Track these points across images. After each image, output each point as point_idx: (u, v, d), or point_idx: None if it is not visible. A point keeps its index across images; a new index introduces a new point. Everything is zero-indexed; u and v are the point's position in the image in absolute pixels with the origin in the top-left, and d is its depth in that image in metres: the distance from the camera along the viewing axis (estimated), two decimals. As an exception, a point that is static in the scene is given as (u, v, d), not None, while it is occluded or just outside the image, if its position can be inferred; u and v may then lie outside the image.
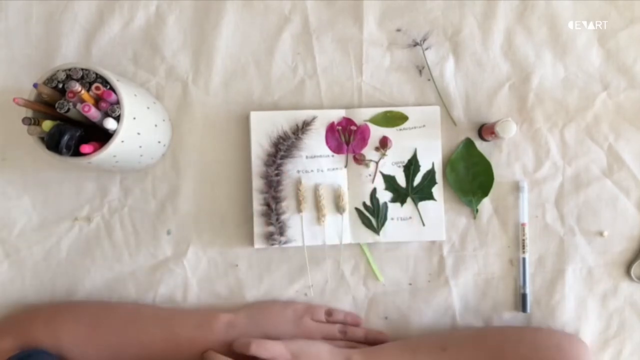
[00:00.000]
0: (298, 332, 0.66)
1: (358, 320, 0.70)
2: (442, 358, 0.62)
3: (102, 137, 0.57)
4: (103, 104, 0.57)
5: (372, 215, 0.70)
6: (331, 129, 0.70)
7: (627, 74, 0.71)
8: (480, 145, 0.71)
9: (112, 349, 0.63)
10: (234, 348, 0.62)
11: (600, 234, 0.70)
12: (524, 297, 0.70)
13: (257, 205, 0.69)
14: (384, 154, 0.70)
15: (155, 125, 0.65)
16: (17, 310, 0.69)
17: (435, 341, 0.65)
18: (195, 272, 0.71)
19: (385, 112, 0.70)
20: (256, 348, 0.59)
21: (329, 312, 0.69)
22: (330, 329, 0.67)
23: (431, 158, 0.70)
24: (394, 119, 0.70)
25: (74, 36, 0.71)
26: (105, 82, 0.58)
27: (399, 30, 0.72)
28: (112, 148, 0.57)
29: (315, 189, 0.70)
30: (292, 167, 0.70)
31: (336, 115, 0.70)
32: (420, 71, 0.71)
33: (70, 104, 0.57)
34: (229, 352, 0.62)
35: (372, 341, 0.68)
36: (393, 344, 0.66)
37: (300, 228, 0.70)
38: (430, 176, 0.70)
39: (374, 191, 0.70)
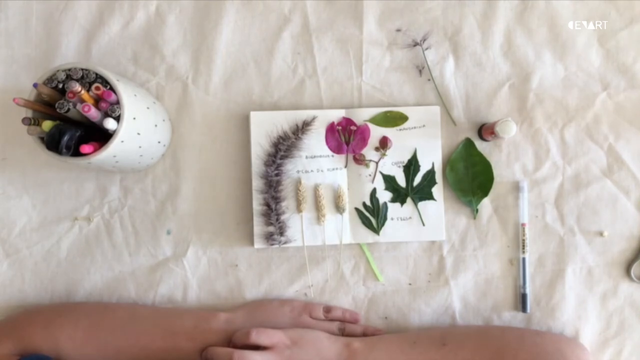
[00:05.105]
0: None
1: (356, 317, 0.70)
2: (442, 352, 0.62)
3: (102, 137, 0.57)
4: (103, 104, 0.57)
5: (372, 215, 0.70)
6: (331, 129, 0.70)
7: (627, 74, 0.71)
8: (480, 145, 0.71)
9: (110, 351, 0.63)
10: (234, 340, 0.62)
11: (600, 234, 0.70)
12: (524, 297, 0.70)
13: (257, 205, 0.69)
14: (384, 154, 0.70)
15: (155, 125, 0.65)
16: (16, 310, 0.69)
17: (435, 335, 0.65)
18: (195, 272, 0.71)
19: (385, 112, 0.70)
20: (256, 335, 0.60)
21: (327, 309, 0.69)
22: (328, 326, 0.67)
23: (431, 158, 0.70)
24: (394, 119, 0.70)
25: (74, 36, 0.71)
26: (105, 82, 0.58)
27: (399, 30, 0.72)
28: (112, 148, 0.57)
29: (315, 189, 0.70)
30: (292, 167, 0.70)
31: (336, 115, 0.70)
32: (420, 71, 0.71)
33: (70, 104, 0.57)
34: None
35: None
36: (393, 335, 0.67)
37: (300, 228, 0.70)
38: (430, 176, 0.70)
39: (373, 191, 0.70)
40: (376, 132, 0.70)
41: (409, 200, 0.70)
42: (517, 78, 0.71)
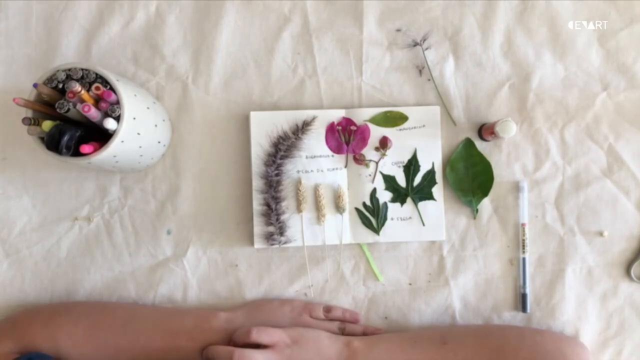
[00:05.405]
0: None
1: (356, 317, 0.70)
2: (442, 351, 0.62)
3: (102, 137, 0.57)
4: (103, 104, 0.57)
5: (372, 215, 0.70)
6: (331, 129, 0.70)
7: (627, 74, 0.71)
8: (480, 145, 0.71)
9: (110, 350, 0.63)
10: (234, 338, 0.62)
11: (600, 234, 0.70)
12: (524, 297, 0.70)
13: (257, 205, 0.69)
14: (384, 154, 0.70)
15: (155, 125, 0.65)
16: (16, 310, 0.69)
17: (435, 334, 0.65)
18: (195, 272, 0.71)
19: (385, 112, 0.70)
20: (257, 334, 0.60)
21: (328, 309, 0.69)
22: (328, 326, 0.67)
23: (431, 158, 0.70)
24: (394, 119, 0.70)
25: (74, 36, 0.71)
26: (105, 82, 0.58)
27: (399, 30, 0.72)
28: (112, 148, 0.57)
29: (315, 189, 0.70)
30: (292, 167, 0.70)
31: (336, 115, 0.70)
32: (420, 71, 0.71)
33: (70, 104, 0.57)
34: None
35: None
36: (393, 334, 0.67)
37: (300, 228, 0.70)
38: (430, 176, 0.70)
39: (374, 191, 0.70)
40: (376, 132, 0.70)
41: (409, 200, 0.70)
42: (517, 78, 0.71)
